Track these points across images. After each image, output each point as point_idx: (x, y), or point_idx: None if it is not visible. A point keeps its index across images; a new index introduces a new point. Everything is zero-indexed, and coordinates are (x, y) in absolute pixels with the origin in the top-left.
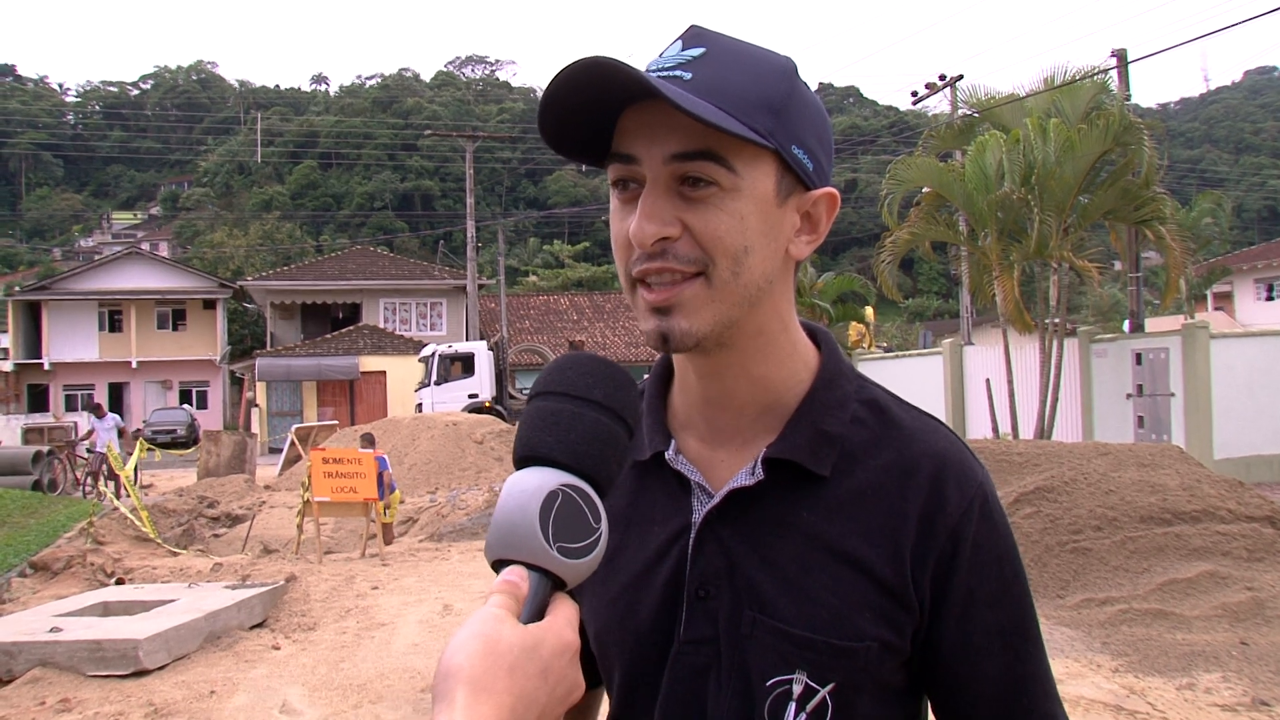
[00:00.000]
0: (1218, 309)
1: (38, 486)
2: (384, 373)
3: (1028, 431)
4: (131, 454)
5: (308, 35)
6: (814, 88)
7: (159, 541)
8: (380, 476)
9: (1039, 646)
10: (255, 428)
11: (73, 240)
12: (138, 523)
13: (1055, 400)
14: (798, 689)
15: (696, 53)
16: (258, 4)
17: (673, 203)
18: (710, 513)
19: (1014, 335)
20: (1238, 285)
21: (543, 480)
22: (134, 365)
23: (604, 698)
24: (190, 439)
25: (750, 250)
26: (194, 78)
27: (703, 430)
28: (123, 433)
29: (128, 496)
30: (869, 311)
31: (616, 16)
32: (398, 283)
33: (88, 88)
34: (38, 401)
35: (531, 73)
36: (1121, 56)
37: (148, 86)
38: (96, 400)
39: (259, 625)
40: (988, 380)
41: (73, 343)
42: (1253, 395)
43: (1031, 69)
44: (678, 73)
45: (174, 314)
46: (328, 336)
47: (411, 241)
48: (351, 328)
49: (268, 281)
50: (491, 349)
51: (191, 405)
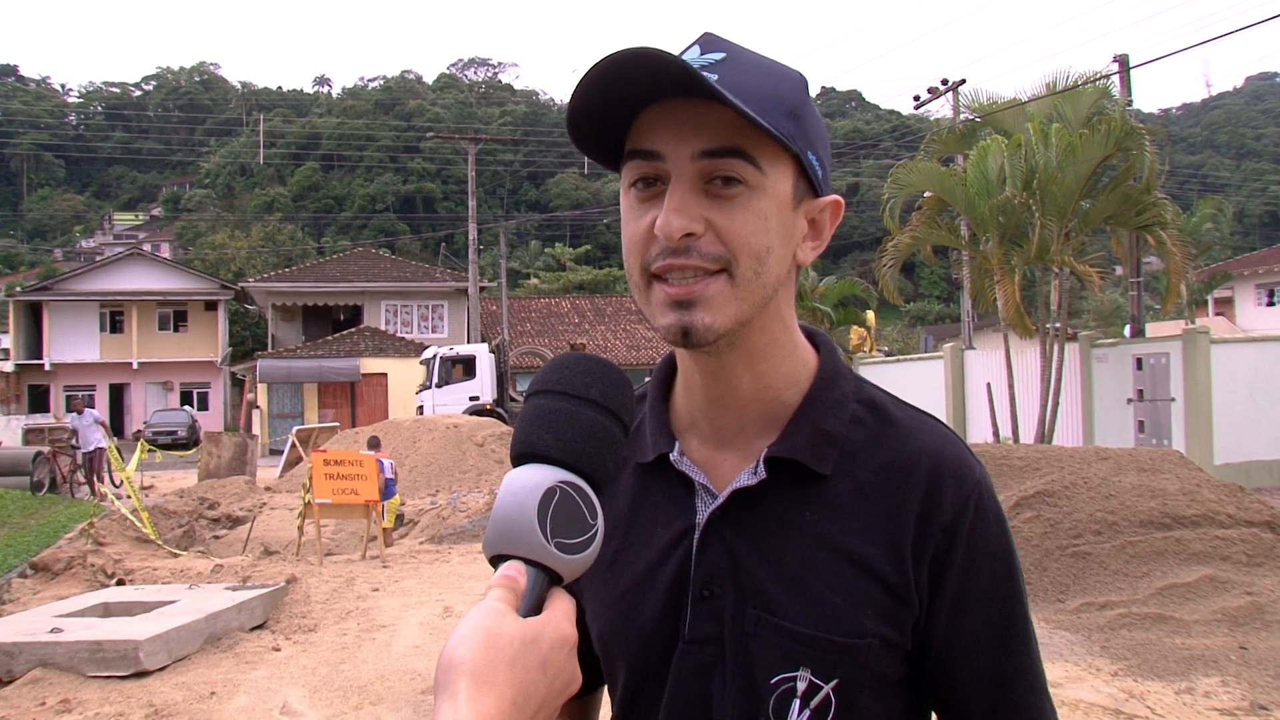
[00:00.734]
0: (1218, 314)
1: (36, 487)
2: (385, 375)
3: (1028, 436)
4: (112, 444)
5: (310, 37)
6: (816, 92)
7: (159, 543)
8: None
9: (1030, 642)
10: (256, 429)
11: (74, 241)
12: (138, 524)
13: (1056, 405)
14: (801, 686)
15: (718, 56)
16: (261, 5)
17: (699, 199)
18: (714, 513)
19: (1015, 340)
20: (1239, 290)
21: (541, 477)
22: (135, 366)
23: (602, 701)
24: (191, 440)
25: (771, 250)
26: (196, 79)
27: (706, 431)
28: (104, 426)
29: (128, 497)
30: (870, 315)
31: (618, 20)
32: (399, 285)
33: (90, 88)
34: (38, 402)
35: (534, 76)
36: (1123, 62)
37: (150, 87)
38: (76, 401)
39: (259, 627)
40: (989, 384)
41: (74, 343)
42: (1253, 400)
43: (1033, 74)
44: (704, 74)
45: (175, 315)
46: (329, 338)
47: (413, 244)
48: (353, 330)
49: (269, 283)
50: (493, 351)
51: (192, 407)
